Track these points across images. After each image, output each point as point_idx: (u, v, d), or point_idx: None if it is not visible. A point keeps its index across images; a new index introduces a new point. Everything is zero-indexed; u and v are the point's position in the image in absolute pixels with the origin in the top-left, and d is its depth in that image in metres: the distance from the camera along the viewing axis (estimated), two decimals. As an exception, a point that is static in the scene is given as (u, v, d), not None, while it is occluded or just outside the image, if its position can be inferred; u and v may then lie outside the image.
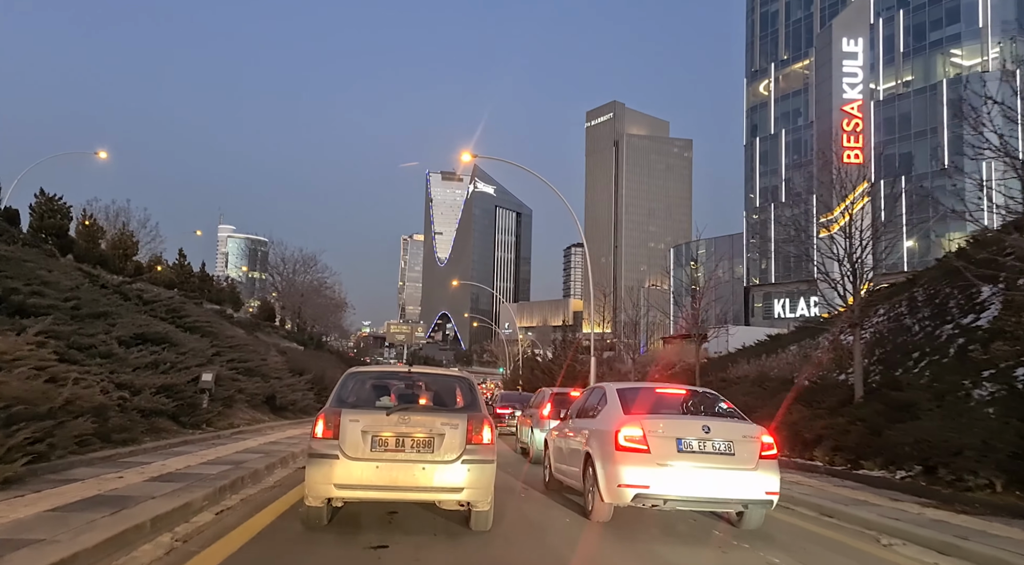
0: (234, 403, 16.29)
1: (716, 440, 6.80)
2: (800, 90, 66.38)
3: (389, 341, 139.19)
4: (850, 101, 43.13)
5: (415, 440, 5.87)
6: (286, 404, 20.29)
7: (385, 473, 5.77)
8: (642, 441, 6.80)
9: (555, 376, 38.47)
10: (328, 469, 5.75)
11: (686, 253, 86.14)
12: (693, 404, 8.11)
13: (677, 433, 6.81)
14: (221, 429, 13.86)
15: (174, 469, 8.09)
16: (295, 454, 11.44)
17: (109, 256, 26.68)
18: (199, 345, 16.23)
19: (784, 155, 67.00)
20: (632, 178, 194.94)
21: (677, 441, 6.76)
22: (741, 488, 6.71)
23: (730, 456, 6.76)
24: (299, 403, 21.47)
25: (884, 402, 11.98)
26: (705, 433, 6.81)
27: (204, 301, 39.19)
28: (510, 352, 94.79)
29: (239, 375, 18.90)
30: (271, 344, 40.64)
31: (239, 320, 41.97)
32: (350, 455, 5.78)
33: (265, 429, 16.21)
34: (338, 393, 6.48)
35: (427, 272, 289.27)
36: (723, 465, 6.72)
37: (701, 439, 6.79)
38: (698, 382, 22.33)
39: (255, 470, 8.66)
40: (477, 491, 5.90)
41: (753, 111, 70.88)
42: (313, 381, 26.00)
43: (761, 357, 24.31)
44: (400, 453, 5.83)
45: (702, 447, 6.76)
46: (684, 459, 6.68)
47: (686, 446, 6.74)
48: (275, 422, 18.52)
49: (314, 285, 63.77)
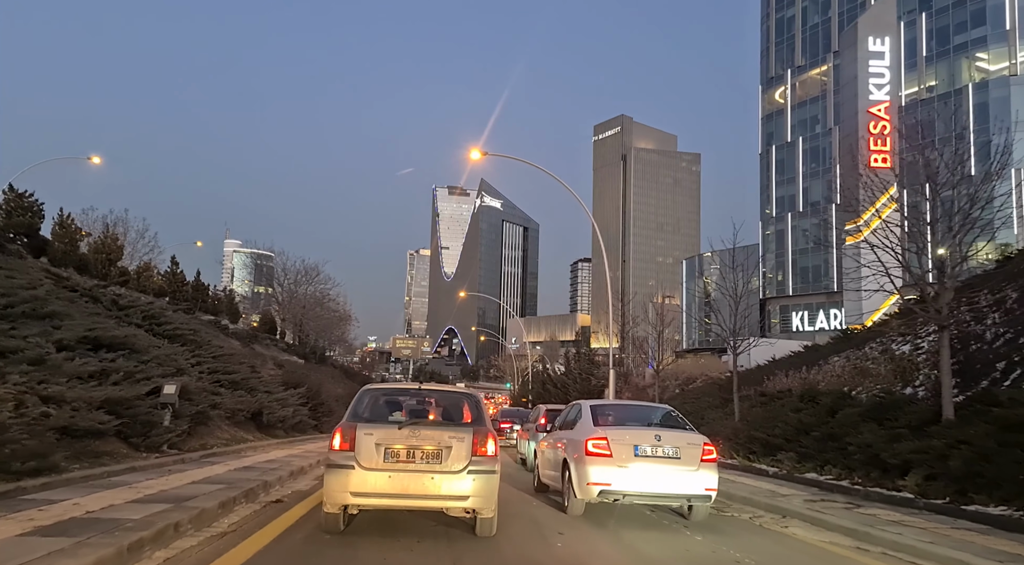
0: (210, 420, 14.17)
1: (666, 446, 8.31)
2: (818, 97, 64.45)
3: (395, 356, 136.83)
4: (877, 102, 41.09)
5: (425, 452, 6.31)
6: (275, 421, 18.15)
7: (397, 482, 6.20)
8: (606, 447, 8.31)
9: (569, 391, 36.31)
10: (345, 478, 6.21)
11: (699, 266, 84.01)
12: (651, 417, 9.85)
13: (635, 441, 8.35)
14: (189, 451, 11.74)
15: (83, 512, 5.96)
16: (269, 483, 9.29)
17: (90, 260, 24.68)
18: (168, 352, 14.13)
19: (802, 163, 64.93)
20: (640, 192, 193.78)
21: (634, 447, 8.28)
22: (685, 485, 8.21)
23: (677, 459, 8.28)
24: (290, 420, 19.32)
25: (988, 421, 9.78)
26: (657, 441, 8.34)
27: (197, 311, 37.21)
28: (518, 367, 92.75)
29: (221, 388, 16.82)
30: (269, 357, 38.61)
31: (236, 331, 39.96)
32: (365, 465, 6.22)
33: (246, 450, 14.06)
34: (354, 408, 6.85)
35: (433, 287, 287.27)
36: (671, 466, 8.24)
37: (654, 445, 8.31)
38: (735, 397, 20.11)
39: (201, 510, 6.53)
40: (482, 499, 6.34)
41: (769, 119, 68.93)
42: (308, 396, 23.86)
43: (801, 369, 22.05)
44: (411, 464, 6.26)
45: (654, 452, 8.28)
46: (640, 462, 8.22)
47: (641, 451, 8.26)
48: (260, 441, 16.37)
49: (316, 297, 61.75)
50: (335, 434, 6.47)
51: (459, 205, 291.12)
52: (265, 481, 9.23)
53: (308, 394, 24.01)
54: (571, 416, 10.15)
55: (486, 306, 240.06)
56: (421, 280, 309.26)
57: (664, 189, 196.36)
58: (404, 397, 7.60)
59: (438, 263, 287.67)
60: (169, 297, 33.91)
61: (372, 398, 7.13)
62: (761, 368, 30.31)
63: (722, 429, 17.22)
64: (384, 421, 6.75)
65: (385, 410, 7.17)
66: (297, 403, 21.20)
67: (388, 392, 7.67)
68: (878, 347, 20.11)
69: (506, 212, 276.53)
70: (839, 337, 25.95)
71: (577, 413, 9.84)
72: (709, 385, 32.40)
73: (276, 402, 18.48)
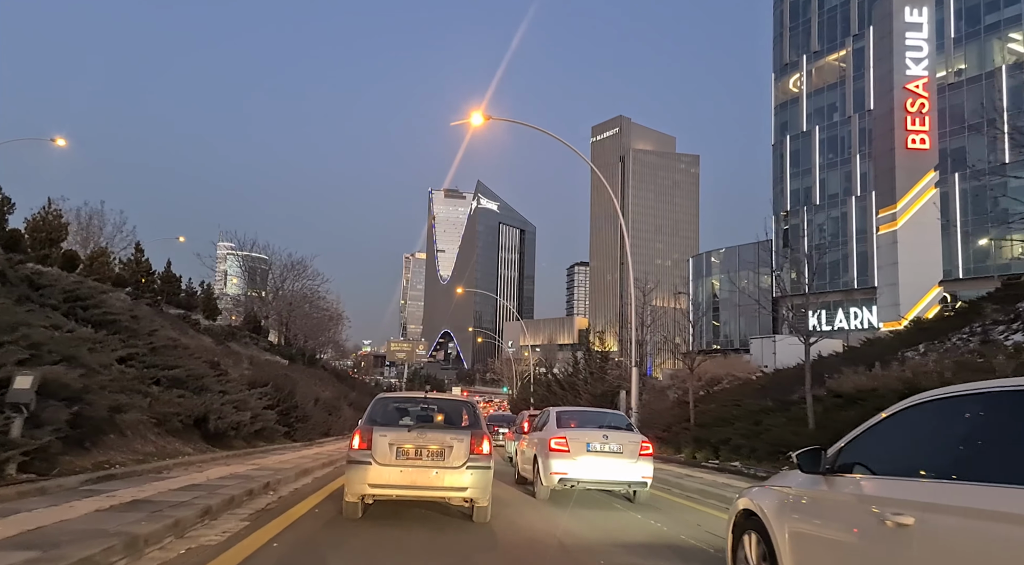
0: (124, 427, 10.41)
1: (612, 443, 10.68)
2: (835, 83, 60.93)
3: (389, 359, 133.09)
4: (914, 78, 37.52)
5: (430, 451, 7.55)
6: (226, 428, 14.38)
7: (407, 476, 7.46)
8: (565, 445, 10.60)
9: (579, 392, 32.71)
10: (364, 472, 7.45)
11: (706, 264, 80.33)
12: (603, 420, 11.99)
13: (587, 439, 10.73)
14: (64, 475, 7.97)
15: None
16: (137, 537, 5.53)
17: (22, 238, 20.93)
18: (71, 339, 10.36)
19: (818, 154, 61.37)
20: (639, 194, 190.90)
21: (587, 444, 10.65)
22: (626, 474, 10.56)
23: (620, 454, 10.63)
24: (247, 427, 15.53)
25: None
26: (605, 439, 10.72)
27: (164, 304, 33.44)
28: (517, 370, 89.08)
29: (155, 386, 13.09)
30: (247, 356, 34.74)
31: (210, 328, 36.16)
32: (380, 462, 7.45)
33: (163, 470, 10.26)
34: (370, 414, 8.11)
35: (429, 290, 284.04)
36: (615, 459, 10.60)
37: (602, 443, 10.68)
38: (808, 398, 16.41)
39: None
40: (478, 490, 7.60)
41: (782, 108, 65.35)
42: (280, 397, 20.11)
43: (866, 367, 18.44)
44: (418, 461, 7.52)
45: (602, 448, 10.65)
46: (591, 455, 10.59)
47: (592, 447, 10.64)
48: (200, 455, 12.59)
49: (305, 293, 57.88)
50: (355, 435, 7.63)
51: (455, 208, 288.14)
52: (136, 534, 5.47)
53: (280, 396, 20.26)
54: (542, 420, 12.35)
55: (482, 310, 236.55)
56: (417, 284, 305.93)
57: (663, 191, 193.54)
58: (412, 404, 8.72)
59: (434, 266, 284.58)
60: (132, 287, 30.16)
61: (385, 405, 8.45)
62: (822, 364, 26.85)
63: (797, 440, 13.52)
64: (396, 425, 7.92)
65: (396, 415, 8.38)
66: (261, 406, 17.44)
67: (399, 400, 8.94)
68: (971, 338, 16.48)
69: (503, 214, 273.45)
70: (903, 332, 22.44)
71: (546, 418, 12.00)
72: (741, 386, 28.82)
73: (230, 405, 14.70)
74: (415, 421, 8.10)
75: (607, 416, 12.54)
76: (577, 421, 11.57)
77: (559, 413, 11.89)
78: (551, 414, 11.87)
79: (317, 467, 13.33)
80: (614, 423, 11.71)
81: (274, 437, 18.90)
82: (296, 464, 13.03)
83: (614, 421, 11.91)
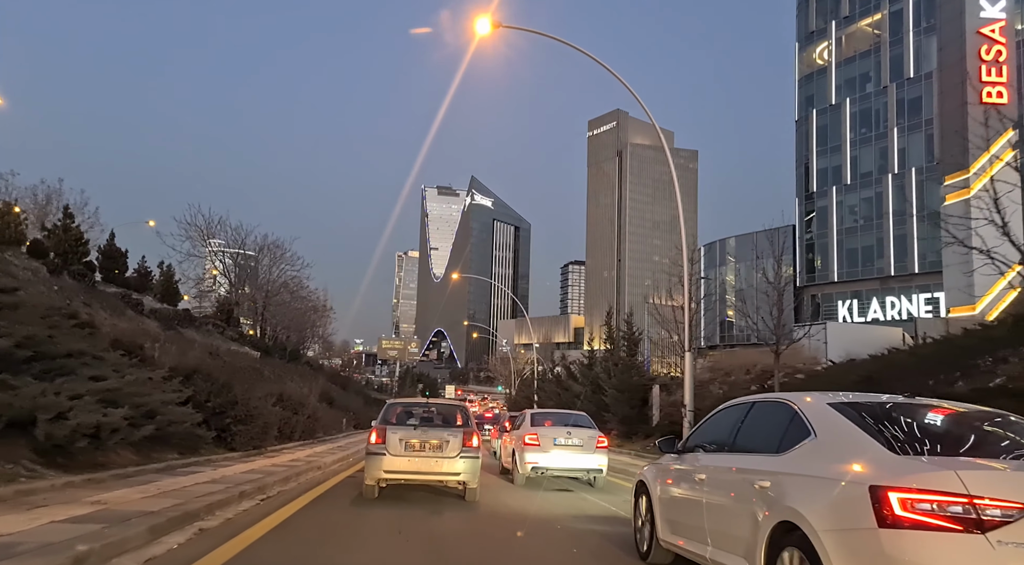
0: None
1: (574, 439, 13.27)
2: (868, 51, 55.48)
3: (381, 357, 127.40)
4: (990, 21, 32.07)
5: (431, 444, 9.76)
6: (74, 436, 8.55)
7: (413, 464, 9.68)
8: (536, 440, 13.10)
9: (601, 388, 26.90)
10: (380, 461, 9.65)
11: (720, 252, 74.81)
12: (569, 420, 14.53)
13: (554, 435, 13.26)
14: None
15: None
16: None
17: None
18: None
19: (849, 129, 55.90)
20: (636, 189, 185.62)
21: (554, 439, 13.18)
22: (585, 463, 13.16)
23: (581, 446, 13.21)
24: (128, 434, 9.69)
25: None
26: (568, 435, 13.31)
27: (100, 280, 27.67)
28: (515, 368, 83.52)
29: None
30: (205, 344, 28.88)
31: (158, 310, 30.34)
32: (392, 453, 9.64)
33: None
34: (384, 415, 10.46)
35: (422, 289, 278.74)
36: (577, 451, 13.16)
37: (566, 438, 13.26)
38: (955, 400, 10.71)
39: None
40: (469, 475, 9.89)
41: (807, 81, 59.82)
42: (212, 391, 14.35)
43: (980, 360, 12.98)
44: (423, 452, 9.72)
45: (566, 442, 13.19)
46: (557, 448, 13.11)
47: (558, 442, 13.16)
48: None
49: (284, 281, 51.93)
50: (372, 432, 9.96)
51: (449, 206, 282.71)
52: None
53: (212, 388, 14.48)
54: (520, 420, 14.82)
55: (476, 309, 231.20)
56: (410, 282, 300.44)
57: (660, 186, 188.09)
58: (417, 408, 11.31)
59: (427, 265, 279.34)
60: (53, 256, 24.39)
61: (394, 408, 10.99)
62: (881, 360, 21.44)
63: None
64: (404, 424, 10.33)
65: (404, 416, 10.82)
66: (171, 398, 11.70)
67: (406, 404, 11.61)
68: None
69: (497, 211, 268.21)
70: None
71: (523, 419, 14.58)
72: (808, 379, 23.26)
73: (92, 399, 8.92)
74: (419, 421, 10.56)
75: (572, 416, 15.22)
76: (548, 421, 14.15)
77: (533, 414, 14.75)
78: (527, 415, 14.69)
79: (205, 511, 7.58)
80: (578, 422, 14.28)
81: (197, 445, 13.15)
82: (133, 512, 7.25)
83: (578, 420, 14.51)
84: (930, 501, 3.20)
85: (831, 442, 4.07)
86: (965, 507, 3.15)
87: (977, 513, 3.13)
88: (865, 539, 3.33)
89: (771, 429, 4.76)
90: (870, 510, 3.32)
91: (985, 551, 3.07)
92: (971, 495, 3.16)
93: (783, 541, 3.96)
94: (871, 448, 3.78)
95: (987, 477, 3.32)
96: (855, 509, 3.42)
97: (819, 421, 4.29)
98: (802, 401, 4.66)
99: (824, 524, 3.58)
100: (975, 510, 3.14)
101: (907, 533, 3.21)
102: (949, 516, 3.16)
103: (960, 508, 3.15)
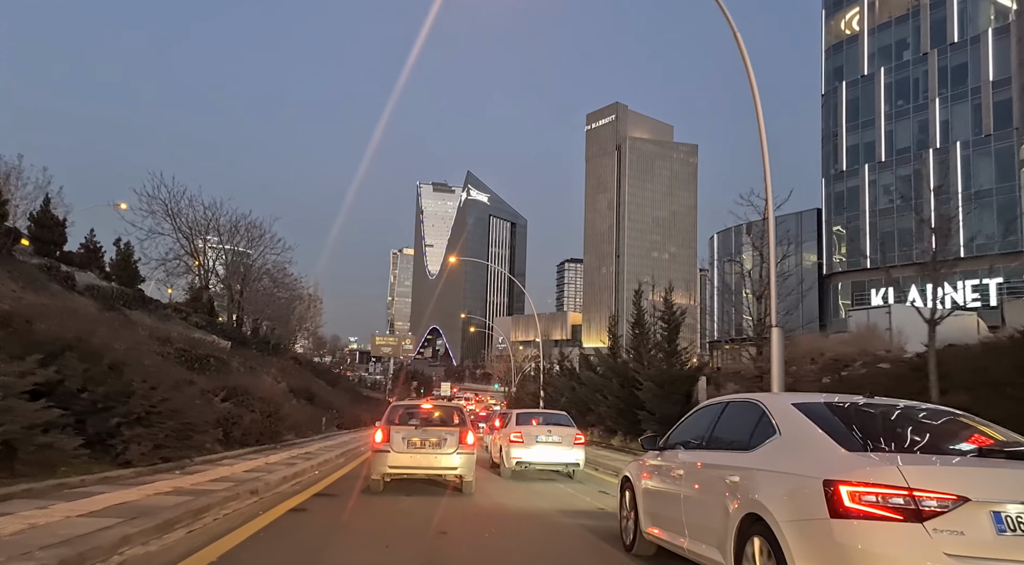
0: None
1: (554, 435, 14.84)
2: (905, 15, 50.78)
3: (374, 354, 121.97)
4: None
5: (431, 442, 10.86)
6: None
7: (415, 459, 10.80)
8: (521, 437, 14.68)
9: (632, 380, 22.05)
10: (385, 458, 10.74)
11: (735, 240, 70.05)
12: (551, 419, 16.13)
13: (536, 433, 14.84)
14: None
15: None
16: None
17: None
18: None
19: (883, 102, 51.15)
20: (635, 184, 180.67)
21: (536, 436, 14.73)
22: (564, 457, 14.74)
23: (560, 443, 14.76)
24: None
25: None
26: (549, 433, 14.88)
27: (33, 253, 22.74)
28: (515, 365, 79.05)
29: None
30: (156, 329, 23.98)
31: (98, 288, 25.34)
32: (395, 450, 10.75)
33: None
34: (388, 416, 11.58)
35: (417, 286, 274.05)
36: (556, 447, 14.72)
37: (547, 435, 14.81)
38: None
39: None
40: (465, 469, 10.95)
41: (836, 50, 55.04)
42: (91, 376, 9.45)
43: None
44: (423, 449, 10.83)
45: (547, 439, 14.74)
46: (539, 444, 14.63)
47: (540, 439, 14.71)
48: None
49: (266, 267, 46.87)
50: (376, 431, 11.10)
51: (444, 203, 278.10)
52: None
53: (90, 374, 9.57)
54: (507, 420, 16.21)
55: (472, 307, 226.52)
56: (404, 280, 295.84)
57: (660, 181, 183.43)
58: (417, 409, 12.47)
59: (422, 262, 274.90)
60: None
61: (396, 409, 12.06)
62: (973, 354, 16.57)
63: None
64: (407, 424, 11.36)
65: (407, 417, 11.85)
66: (15, 390, 6.76)
67: (408, 406, 12.71)
68: None
69: (493, 206, 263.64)
70: None
71: (510, 418, 15.98)
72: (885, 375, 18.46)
73: None
74: (420, 421, 11.65)
75: (553, 416, 16.86)
76: (532, 420, 15.86)
77: (518, 414, 16.48)
78: (513, 415, 16.38)
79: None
80: (558, 421, 15.98)
81: (56, 460, 8.21)
82: None
83: (558, 420, 16.24)
84: (875, 493, 3.58)
85: (793, 440, 4.44)
86: (906, 499, 3.53)
87: (916, 504, 3.51)
88: (820, 528, 3.69)
89: (743, 427, 5.09)
90: (823, 502, 3.69)
91: (923, 538, 3.45)
92: (911, 488, 3.53)
93: (750, 531, 4.29)
94: (827, 445, 4.15)
95: (926, 471, 3.67)
96: (811, 501, 3.77)
97: (784, 420, 4.65)
98: (770, 401, 5.05)
99: (784, 515, 3.95)
100: (914, 501, 3.52)
101: (856, 523, 3.58)
102: (891, 507, 3.54)
103: (901, 499, 3.54)
